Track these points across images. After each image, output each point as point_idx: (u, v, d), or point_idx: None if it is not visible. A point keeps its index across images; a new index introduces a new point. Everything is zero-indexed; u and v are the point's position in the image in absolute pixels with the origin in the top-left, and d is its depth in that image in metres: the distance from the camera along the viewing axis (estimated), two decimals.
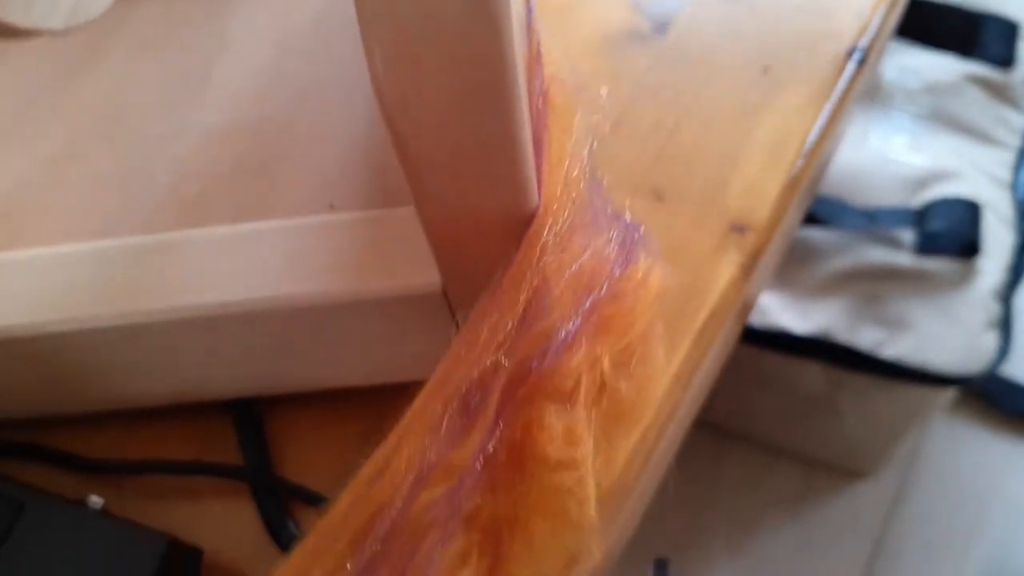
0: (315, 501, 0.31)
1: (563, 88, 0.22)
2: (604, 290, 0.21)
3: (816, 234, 0.83)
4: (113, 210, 0.30)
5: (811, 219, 0.83)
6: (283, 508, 0.31)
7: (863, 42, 0.41)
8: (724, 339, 0.37)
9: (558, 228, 0.21)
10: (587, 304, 0.21)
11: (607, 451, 0.23)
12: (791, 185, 0.38)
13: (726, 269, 0.35)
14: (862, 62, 0.41)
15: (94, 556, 0.28)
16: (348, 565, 0.18)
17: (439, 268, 0.24)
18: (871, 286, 0.83)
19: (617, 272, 0.23)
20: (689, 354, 0.34)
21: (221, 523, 0.32)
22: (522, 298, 0.20)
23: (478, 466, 0.19)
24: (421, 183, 0.20)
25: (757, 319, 0.84)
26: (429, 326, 0.27)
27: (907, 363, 0.81)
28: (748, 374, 0.93)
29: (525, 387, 0.20)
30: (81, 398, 0.32)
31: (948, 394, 0.89)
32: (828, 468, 1.09)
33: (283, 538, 0.30)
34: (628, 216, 0.24)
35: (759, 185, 0.37)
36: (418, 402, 0.20)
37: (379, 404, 0.31)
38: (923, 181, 0.85)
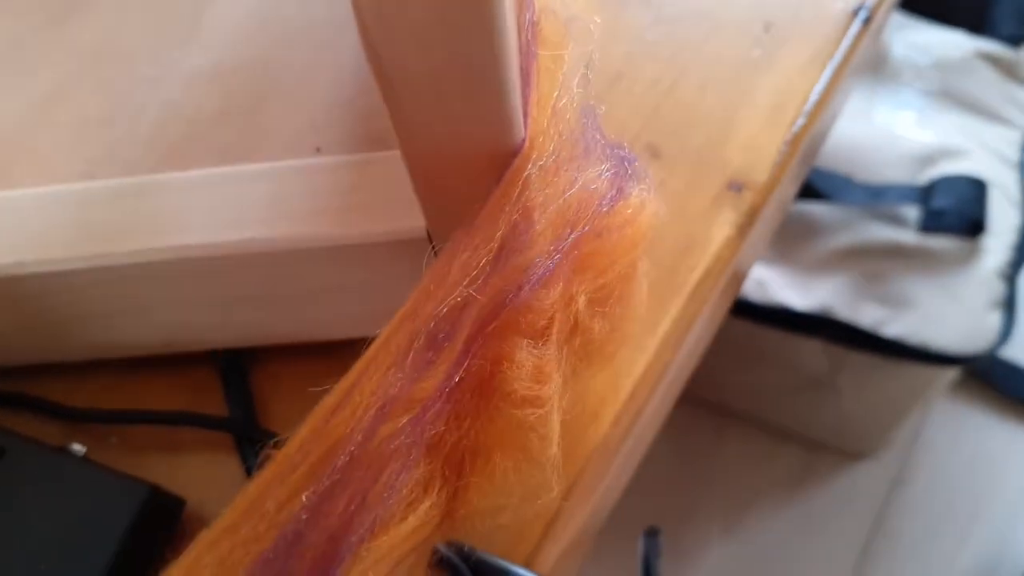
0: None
1: (555, 19, 0.22)
2: (587, 227, 0.21)
3: (820, 209, 0.83)
4: (99, 152, 0.29)
5: (815, 194, 0.82)
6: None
7: (870, 0, 0.40)
8: (717, 301, 0.37)
9: (543, 162, 0.20)
10: (568, 240, 0.20)
11: (575, 388, 0.23)
12: (791, 145, 0.37)
13: (722, 227, 0.35)
14: (867, 21, 0.40)
15: (75, 502, 0.27)
16: (304, 497, 0.18)
17: (423, 209, 0.24)
18: (874, 263, 0.82)
19: (605, 207, 0.22)
20: (682, 312, 0.33)
21: (204, 475, 0.31)
22: (498, 234, 0.19)
23: (443, 396, 0.19)
24: (402, 113, 0.19)
25: (757, 294, 0.83)
26: (414, 273, 0.27)
27: (909, 342, 0.80)
28: (748, 351, 0.92)
29: (498, 321, 0.19)
30: (64, 346, 0.31)
31: (950, 374, 0.89)
32: (828, 449, 1.09)
33: None
34: (626, 148, 0.23)
35: (758, 144, 0.37)
36: (384, 334, 0.19)
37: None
38: (929, 158, 0.84)
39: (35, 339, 0.31)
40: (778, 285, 0.83)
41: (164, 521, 0.29)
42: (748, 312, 0.84)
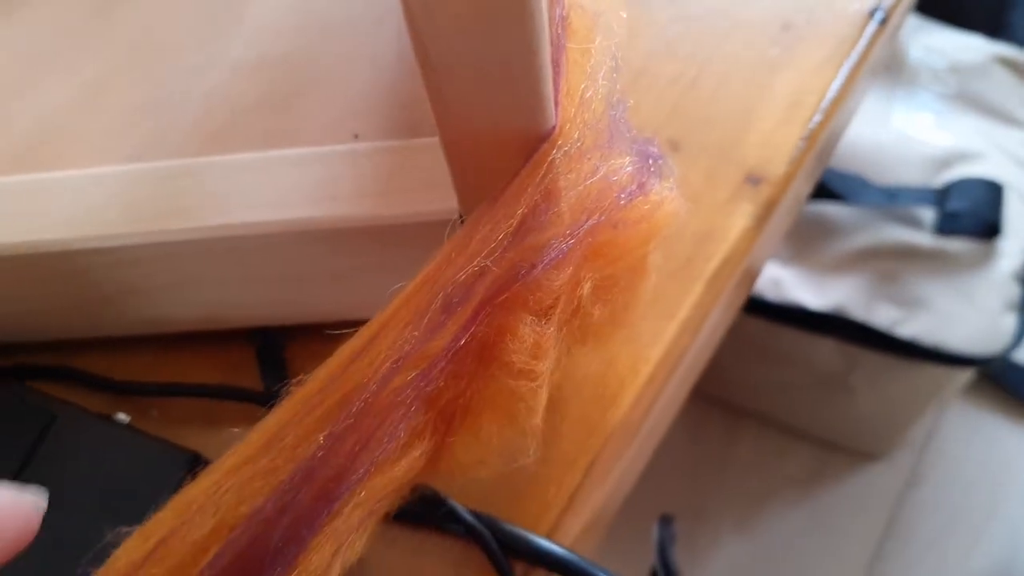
0: None
1: (583, 13, 0.23)
2: (603, 217, 0.22)
3: (836, 210, 0.84)
4: (145, 136, 0.31)
5: (832, 195, 0.83)
6: None
7: (886, 1, 0.41)
8: (733, 292, 0.38)
9: (568, 148, 0.21)
10: (584, 227, 0.22)
11: (566, 366, 0.24)
12: (808, 141, 0.38)
13: (739, 219, 0.36)
14: (884, 22, 0.41)
15: (120, 467, 0.29)
16: (321, 437, 0.19)
17: (456, 191, 0.25)
18: (889, 264, 0.83)
19: (623, 200, 0.23)
20: (700, 299, 0.34)
21: None
22: (519, 211, 0.20)
23: (448, 355, 0.20)
24: (442, 99, 0.21)
25: (773, 293, 0.84)
26: None
27: (923, 342, 0.81)
28: (763, 350, 0.93)
29: (508, 294, 0.21)
30: (109, 321, 0.33)
31: (963, 376, 0.89)
32: (841, 449, 1.09)
33: None
34: (654, 144, 0.24)
35: (775, 139, 0.38)
36: (405, 294, 0.21)
37: None
38: (946, 161, 0.85)
39: (82, 314, 0.33)
40: (793, 284, 0.84)
41: None
42: (763, 310, 0.85)
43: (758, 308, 0.85)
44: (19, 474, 0.29)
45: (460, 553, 0.30)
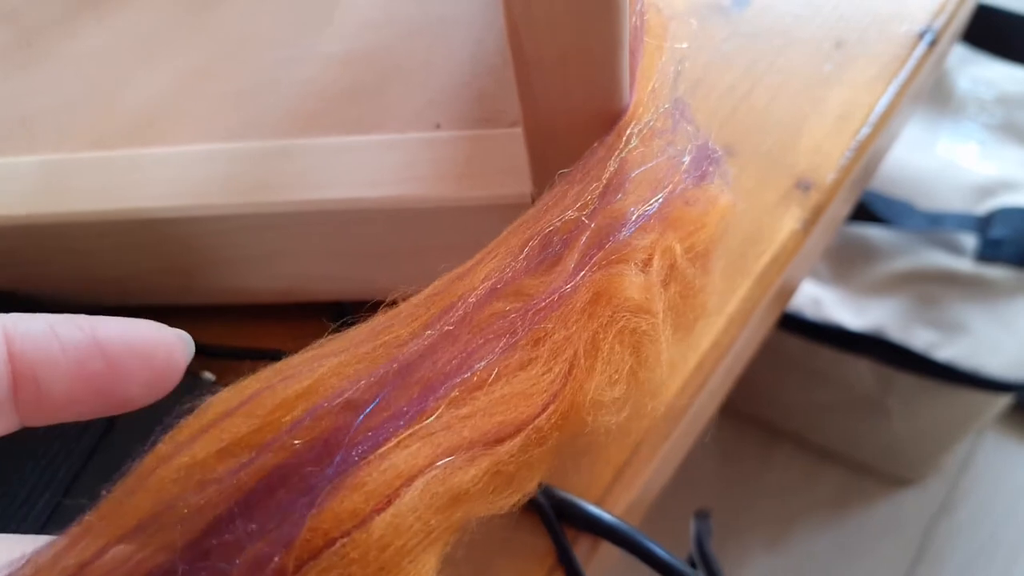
0: None
1: (657, 13, 0.25)
2: (677, 191, 0.24)
3: (879, 233, 0.85)
4: (243, 119, 0.33)
5: (875, 218, 0.84)
6: None
7: (937, 24, 0.43)
8: (771, 303, 0.40)
9: (641, 127, 0.24)
10: (662, 195, 0.24)
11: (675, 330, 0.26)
12: (856, 152, 0.40)
13: (789, 222, 0.38)
14: (933, 44, 0.43)
15: None
16: (427, 332, 0.20)
17: (532, 175, 0.28)
18: (929, 288, 0.84)
19: (689, 184, 0.25)
20: (749, 294, 0.36)
21: None
22: (606, 176, 0.23)
23: (554, 299, 0.21)
24: (530, 83, 0.23)
25: (812, 311, 0.85)
26: None
27: (960, 366, 0.81)
28: (800, 369, 0.94)
29: (603, 252, 0.22)
30: (197, 289, 0.36)
31: (1000, 403, 0.90)
32: (875, 473, 1.10)
33: None
34: (711, 141, 0.27)
35: (825, 148, 0.40)
36: (503, 235, 0.22)
37: None
38: (989, 189, 0.86)
39: (174, 281, 0.35)
40: (833, 304, 0.85)
41: None
42: (802, 329, 0.87)
43: (797, 326, 0.86)
44: (112, 424, 0.32)
45: (512, 516, 0.32)
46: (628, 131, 0.23)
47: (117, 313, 0.37)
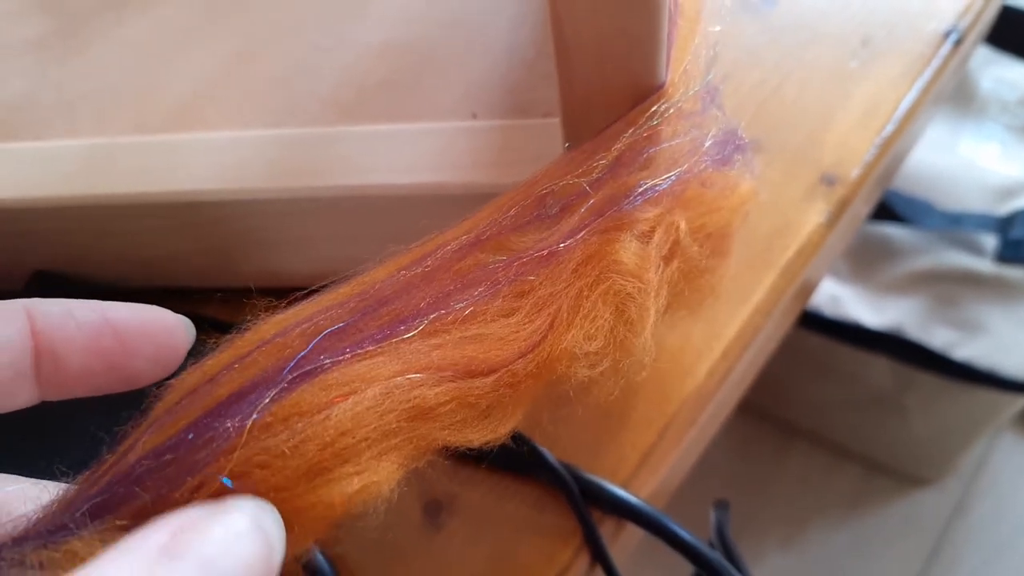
0: None
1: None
2: (694, 170, 0.25)
3: (899, 232, 0.85)
4: (282, 106, 0.34)
5: (896, 217, 0.85)
6: None
7: (962, 24, 0.44)
8: (797, 291, 0.40)
9: (666, 106, 0.24)
10: (676, 172, 0.24)
11: (671, 342, 0.27)
12: (881, 148, 0.41)
13: (814, 216, 0.39)
14: (958, 43, 0.43)
15: None
16: (401, 273, 0.22)
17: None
18: (949, 288, 0.84)
19: (709, 167, 0.26)
20: (774, 284, 0.37)
21: None
22: (615, 147, 0.23)
23: (543, 255, 0.22)
24: (569, 63, 0.24)
25: (831, 309, 0.86)
26: None
27: (978, 365, 0.82)
28: (818, 365, 0.95)
29: (604, 220, 0.23)
30: (234, 271, 0.36)
31: (1017, 404, 0.90)
32: (891, 472, 1.10)
33: None
34: (739, 128, 0.27)
35: (851, 144, 0.40)
36: (496, 200, 0.24)
37: None
38: (1011, 190, 0.86)
39: (211, 263, 0.36)
40: (852, 302, 0.86)
41: None
42: (821, 326, 0.87)
43: (816, 323, 0.87)
44: None
45: (540, 497, 0.33)
46: (656, 107, 0.24)
47: (159, 295, 0.38)
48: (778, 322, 0.40)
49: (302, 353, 0.19)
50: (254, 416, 0.18)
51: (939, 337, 0.83)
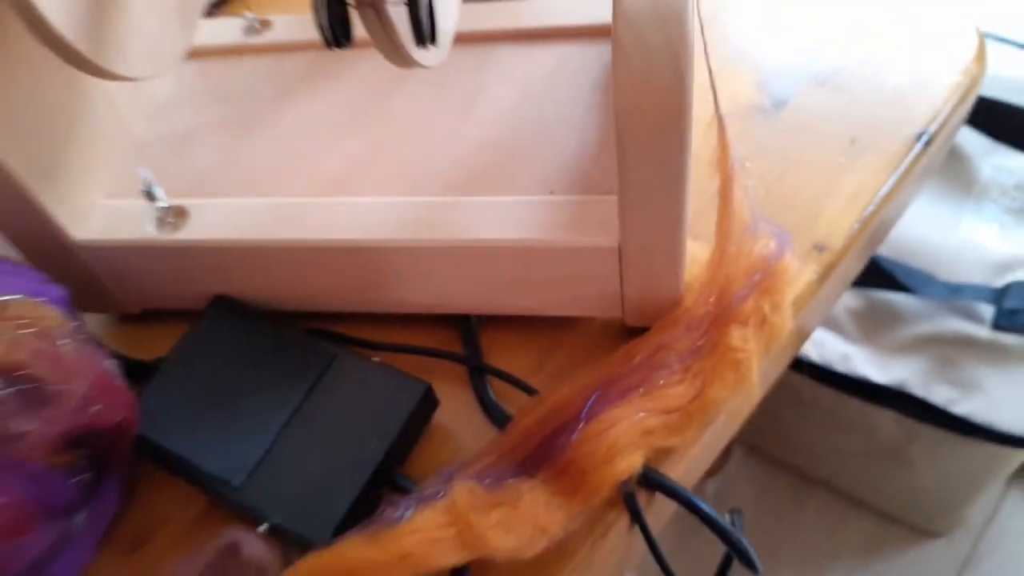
0: (511, 381, 0.47)
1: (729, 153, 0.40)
2: (762, 274, 0.42)
3: (904, 300, 0.96)
4: (411, 181, 0.47)
5: (902, 287, 0.95)
6: (487, 385, 0.47)
7: (932, 128, 0.55)
8: (791, 337, 0.52)
9: (732, 243, 0.39)
10: (754, 280, 0.41)
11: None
12: (862, 224, 0.52)
13: (807, 274, 0.50)
14: (928, 144, 0.55)
15: (379, 389, 0.44)
16: (619, 370, 0.41)
17: (620, 231, 0.41)
18: (949, 351, 0.94)
19: (772, 263, 0.41)
20: None
21: (446, 394, 0.48)
22: (718, 284, 0.41)
23: (695, 348, 0.41)
24: (628, 197, 0.37)
25: (842, 366, 0.96)
26: (604, 275, 0.43)
27: (975, 420, 0.91)
28: (831, 417, 1.05)
29: (721, 318, 0.41)
30: (371, 301, 0.49)
31: (1014, 457, 0.99)
32: (902, 524, 1.18)
33: (488, 406, 0.46)
34: (783, 230, 0.42)
35: (838, 220, 0.52)
36: (665, 323, 0.43)
37: (555, 330, 0.48)
38: (1007, 265, 0.96)
39: (351, 294, 0.49)
40: (861, 360, 0.96)
41: (427, 413, 0.45)
42: (832, 381, 0.97)
43: (828, 378, 0.97)
44: (311, 390, 0.45)
45: None
46: (729, 246, 0.42)
47: (306, 317, 0.50)
48: (776, 360, 0.52)
49: (586, 408, 0.41)
50: (579, 428, 0.40)
51: (940, 394, 0.93)
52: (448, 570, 0.39)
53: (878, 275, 0.95)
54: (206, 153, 0.52)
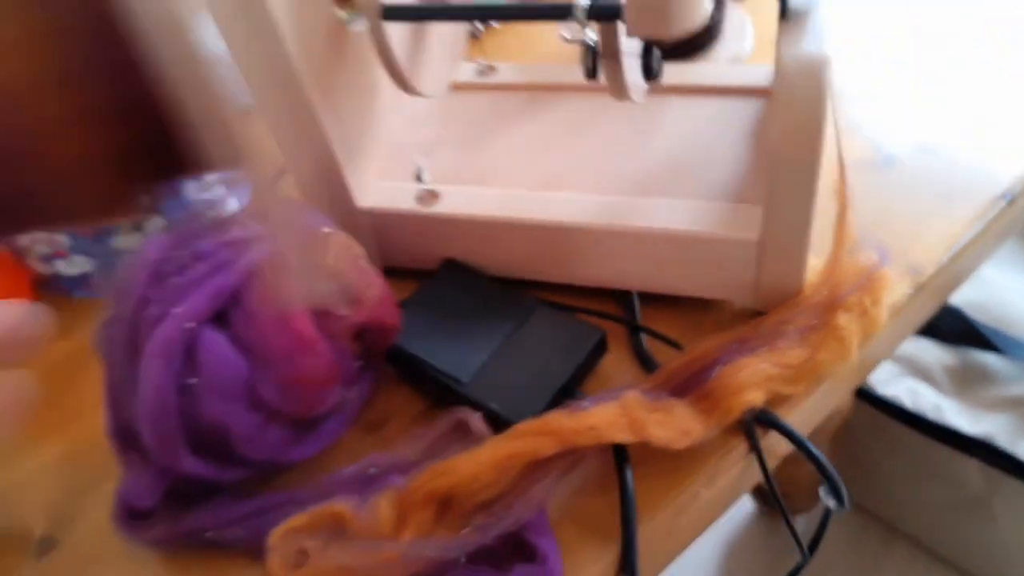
0: (661, 339, 0.62)
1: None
2: (866, 278, 0.55)
3: (997, 361, 1.07)
4: (606, 182, 0.64)
5: (995, 348, 1.06)
6: (643, 341, 0.63)
7: (1015, 189, 0.69)
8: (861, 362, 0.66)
9: (843, 252, 0.54)
10: (859, 282, 0.55)
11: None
12: (949, 259, 0.66)
13: (902, 289, 0.64)
14: (1011, 202, 0.69)
15: (566, 331, 0.60)
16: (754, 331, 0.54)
17: (761, 229, 0.56)
18: None
19: (874, 270, 0.56)
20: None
21: (609, 347, 0.63)
22: (831, 281, 0.56)
23: (810, 324, 0.56)
24: (773, 192, 0.52)
25: (934, 415, 1.07)
26: (744, 263, 0.59)
27: None
28: (918, 465, 1.14)
29: (831, 305, 0.56)
30: (557, 272, 0.65)
31: None
32: None
33: (642, 356, 0.62)
34: (884, 249, 0.57)
35: (929, 253, 0.66)
36: (787, 305, 0.58)
37: (696, 312, 0.64)
38: None
39: (549, 266, 0.65)
40: (952, 412, 1.07)
41: (599, 354, 0.61)
42: (925, 428, 1.08)
43: (919, 425, 1.08)
44: (518, 328, 0.61)
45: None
46: (841, 258, 0.54)
47: (513, 283, 0.67)
48: (840, 383, 0.65)
49: (724, 356, 0.55)
50: (717, 369, 0.55)
51: None
52: (613, 446, 0.54)
53: (974, 337, 1.06)
54: (449, 155, 0.70)
